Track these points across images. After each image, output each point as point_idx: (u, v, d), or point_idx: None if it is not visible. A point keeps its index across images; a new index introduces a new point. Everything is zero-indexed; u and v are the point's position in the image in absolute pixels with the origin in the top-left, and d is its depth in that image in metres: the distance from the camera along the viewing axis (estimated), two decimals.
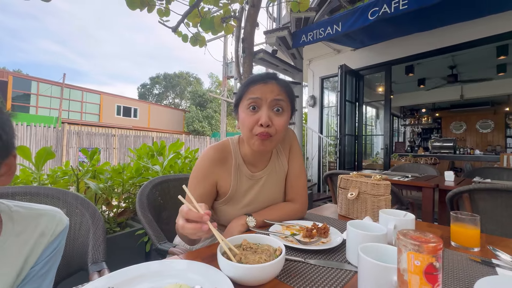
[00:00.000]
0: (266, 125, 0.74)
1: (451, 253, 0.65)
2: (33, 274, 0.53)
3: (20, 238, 0.52)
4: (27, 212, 0.55)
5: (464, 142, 8.47)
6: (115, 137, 9.43)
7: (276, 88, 0.78)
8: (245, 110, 0.78)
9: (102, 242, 0.84)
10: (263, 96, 0.76)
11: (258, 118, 0.76)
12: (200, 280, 0.46)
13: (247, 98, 0.77)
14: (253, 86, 0.78)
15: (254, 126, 0.76)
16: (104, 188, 1.72)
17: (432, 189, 1.92)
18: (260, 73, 0.83)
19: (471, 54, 4.50)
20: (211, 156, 0.83)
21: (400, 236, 0.29)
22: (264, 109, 0.76)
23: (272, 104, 0.77)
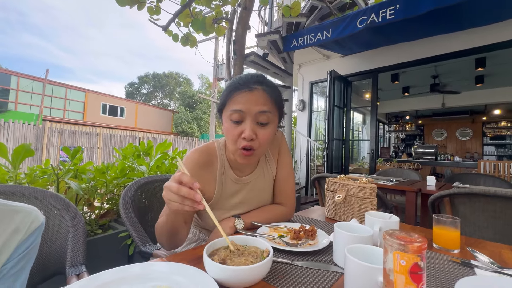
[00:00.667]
0: (249, 139, 0.71)
1: (433, 254, 0.66)
2: (5, 272, 0.50)
3: None
4: (1, 207, 0.52)
5: (445, 149, 8.84)
6: (99, 136, 9.13)
7: (262, 97, 0.73)
8: (228, 121, 0.74)
9: (82, 245, 0.80)
10: (246, 109, 0.71)
11: (242, 131, 0.72)
12: (185, 282, 0.45)
13: (230, 108, 0.73)
14: (237, 94, 0.73)
15: (237, 139, 0.73)
16: (86, 188, 1.65)
17: (415, 193, 1.98)
18: (245, 76, 0.77)
19: (452, 65, 4.73)
20: (195, 159, 0.80)
21: (387, 236, 0.30)
22: (248, 122, 0.72)
23: (257, 117, 0.72)
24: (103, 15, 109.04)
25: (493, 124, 8.00)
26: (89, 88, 18.73)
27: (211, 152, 0.84)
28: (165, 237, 0.70)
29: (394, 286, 0.28)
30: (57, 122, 10.26)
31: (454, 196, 1.39)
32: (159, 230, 0.70)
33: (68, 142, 8.43)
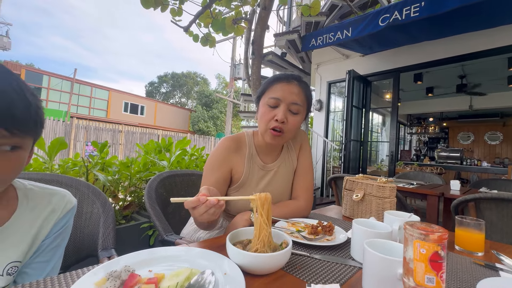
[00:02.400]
0: (281, 121, 0.82)
1: (455, 256, 0.65)
2: (44, 247, 0.57)
3: (33, 213, 0.56)
4: (40, 190, 0.59)
5: (471, 153, 8.35)
6: (121, 133, 9.55)
7: (296, 89, 0.84)
8: (265, 106, 0.85)
9: (112, 230, 0.87)
10: (282, 97, 0.83)
11: (275, 115, 0.83)
12: (210, 265, 0.48)
13: (269, 96, 0.85)
14: (276, 84, 0.85)
15: (270, 121, 0.84)
16: (112, 180, 1.76)
17: (437, 197, 1.91)
18: (285, 73, 0.90)
19: (482, 64, 4.46)
20: (226, 144, 0.90)
21: (407, 226, 0.31)
22: (282, 107, 0.83)
23: (290, 105, 0.84)
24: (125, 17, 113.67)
25: None
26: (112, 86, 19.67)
27: (240, 139, 0.94)
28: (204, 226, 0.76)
29: (414, 274, 0.29)
30: (84, 119, 10.86)
31: (481, 201, 1.33)
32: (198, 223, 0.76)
33: (93, 138, 8.90)
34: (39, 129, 0.48)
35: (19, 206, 0.54)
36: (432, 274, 0.28)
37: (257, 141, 0.95)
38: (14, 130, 0.42)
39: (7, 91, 0.41)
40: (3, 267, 0.49)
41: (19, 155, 0.45)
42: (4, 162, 0.43)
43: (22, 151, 0.46)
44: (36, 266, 0.55)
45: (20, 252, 0.52)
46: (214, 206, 0.55)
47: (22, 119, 0.43)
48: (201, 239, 0.90)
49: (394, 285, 0.40)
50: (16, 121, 0.42)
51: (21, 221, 0.53)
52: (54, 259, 0.59)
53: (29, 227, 0.54)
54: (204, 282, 0.41)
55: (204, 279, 0.41)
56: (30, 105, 0.44)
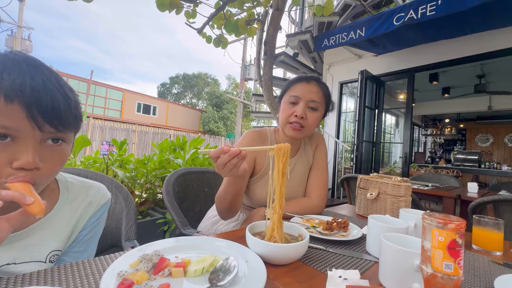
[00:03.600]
0: (300, 117, 0.89)
1: (472, 255, 0.65)
2: (81, 238, 0.61)
3: (72, 205, 0.60)
4: (79, 183, 0.63)
5: (490, 156, 8.02)
6: (135, 133, 9.82)
7: (315, 88, 0.92)
8: (286, 103, 0.93)
9: (134, 222, 0.91)
10: (302, 95, 0.90)
11: (295, 111, 0.90)
12: (232, 253, 0.50)
13: (290, 94, 0.92)
14: (297, 83, 0.93)
15: (290, 116, 0.91)
16: (129, 177, 1.83)
17: (454, 200, 1.86)
18: (306, 74, 0.98)
19: (502, 64, 4.29)
20: (251, 136, 0.98)
21: (426, 216, 0.32)
22: (301, 104, 0.90)
23: (308, 103, 0.91)
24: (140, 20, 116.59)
25: None
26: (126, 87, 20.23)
27: (263, 133, 1.02)
28: (226, 204, 0.79)
29: (432, 261, 0.31)
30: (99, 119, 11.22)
31: (500, 203, 1.30)
32: (221, 198, 0.80)
33: (108, 137, 9.19)
34: (79, 123, 0.51)
35: (60, 198, 0.58)
36: (450, 260, 0.30)
37: (278, 137, 1.01)
38: (59, 126, 0.45)
39: (49, 88, 0.43)
40: (46, 255, 0.53)
41: (63, 149, 0.49)
42: (52, 156, 0.46)
43: (66, 145, 0.49)
44: (73, 255, 0.59)
45: (61, 242, 0.56)
46: (236, 156, 0.59)
47: (65, 115, 0.45)
48: (219, 231, 0.93)
49: (411, 277, 0.41)
50: (60, 117, 0.45)
51: (62, 212, 0.57)
52: (89, 250, 0.63)
53: (69, 218, 0.58)
54: (229, 267, 0.43)
55: (228, 264, 0.44)
56: (70, 100, 0.47)
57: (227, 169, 0.60)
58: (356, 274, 0.34)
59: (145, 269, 0.42)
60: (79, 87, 14.90)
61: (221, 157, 0.59)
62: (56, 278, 0.42)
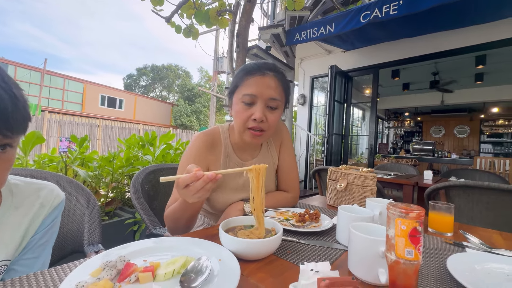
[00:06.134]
0: (260, 121, 0.76)
1: (428, 237, 0.72)
2: (34, 243, 0.55)
3: (19, 211, 0.53)
4: (26, 185, 0.57)
5: (442, 146, 8.92)
6: (99, 128, 9.13)
7: (273, 82, 0.78)
8: (240, 103, 0.78)
9: (98, 225, 0.85)
10: (259, 93, 0.76)
11: (252, 113, 0.77)
12: (205, 253, 0.49)
13: (243, 92, 0.77)
14: (250, 77, 0.77)
15: (247, 120, 0.78)
16: (92, 176, 1.69)
17: (412, 187, 2.04)
18: (259, 62, 0.81)
19: (453, 62, 4.75)
20: (202, 140, 0.84)
21: (390, 206, 0.34)
22: (259, 105, 0.76)
23: (268, 102, 0.78)
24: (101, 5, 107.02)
25: (490, 122, 8.07)
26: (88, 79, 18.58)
27: (215, 135, 0.88)
28: (183, 222, 0.71)
29: (395, 249, 0.33)
30: (56, 113, 10.21)
31: (450, 188, 1.44)
32: (177, 217, 0.70)
33: (67, 133, 8.43)
34: (27, 124, 0.45)
35: (3, 203, 0.51)
36: (411, 247, 0.32)
37: (233, 137, 0.89)
38: (7, 131, 0.39)
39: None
40: None
41: (10, 154, 0.43)
42: None
43: (12, 149, 0.44)
44: (25, 262, 0.53)
45: (10, 250, 0.50)
46: (211, 181, 0.53)
47: (13, 119, 0.40)
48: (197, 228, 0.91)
49: (377, 263, 0.44)
50: (7, 122, 0.39)
51: (7, 218, 0.51)
52: (43, 256, 0.57)
53: (18, 224, 0.52)
54: (201, 267, 0.42)
55: (200, 264, 0.43)
56: (18, 101, 0.41)
57: (198, 194, 0.54)
58: (327, 266, 0.35)
59: (109, 277, 0.39)
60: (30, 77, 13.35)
61: (194, 184, 0.53)
62: None
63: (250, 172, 0.58)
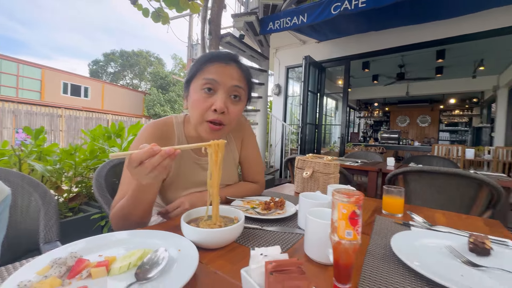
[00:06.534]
0: (220, 111, 0.69)
1: (382, 219, 0.78)
2: None
3: None
4: None
5: (407, 134, 9.61)
6: (61, 118, 8.44)
7: (236, 72, 0.73)
8: (199, 91, 0.70)
9: (55, 222, 0.80)
10: (221, 80, 0.69)
11: (213, 103, 0.69)
12: (164, 244, 0.49)
13: (203, 77, 0.70)
14: (211, 64, 0.71)
15: (206, 111, 0.70)
16: (52, 170, 1.58)
17: (376, 173, 2.19)
18: (220, 52, 0.75)
19: (416, 56, 5.06)
20: (151, 132, 0.76)
21: (335, 192, 0.37)
22: (221, 93, 0.70)
23: (231, 91, 0.71)
24: None
25: (448, 112, 8.83)
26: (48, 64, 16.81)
27: (168, 127, 0.80)
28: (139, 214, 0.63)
29: (338, 230, 0.36)
30: (10, 101, 9.21)
31: (407, 174, 1.57)
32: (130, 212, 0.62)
33: (24, 123, 7.68)
34: None
35: None
36: (350, 229, 0.35)
37: (188, 131, 0.81)
38: None
39: None
40: None
41: None
42: None
43: None
44: None
45: None
46: (169, 157, 0.50)
47: None
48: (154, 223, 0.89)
49: (326, 245, 0.47)
50: None
51: None
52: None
53: None
54: (158, 259, 0.42)
55: (157, 256, 0.43)
56: None
57: (154, 173, 0.50)
58: (277, 250, 0.37)
59: (57, 274, 0.38)
60: None
61: (151, 159, 0.48)
62: None
63: (209, 147, 0.58)
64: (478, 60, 5.22)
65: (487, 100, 7.24)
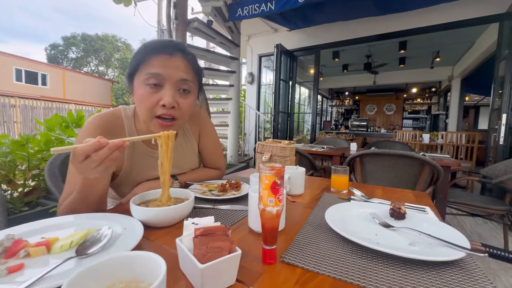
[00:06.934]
0: (170, 106, 0.66)
1: (328, 195, 0.86)
2: None
3: None
4: None
5: (374, 122, 10.19)
6: (16, 108, 7.66)
7: (182, 64, 0.69)
8: (143, 86, 0.66)
9: (1, 214, 0.77)
10: (166, 74, 0.66)
11: (160, 98, 0.66)
12: (108, 223, 0.51)
13: (146, 71, 0.66)
14: (154, 57, 0.66)
15: (154, 106, 0.67)
16: (2, 163, 1.47)
17: (340, 157, 2.33)
18: (163, 40, 0.70)
19: (382, 46, 5.31)
20: (97, 125, 0.70)
21: (261, 165, 0.41)
22: (168, 88, 0.67)
23: (178, 84, 0.68)
24: None
25: (410, 101, 9.48)
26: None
27: (116, 120, 0.75)
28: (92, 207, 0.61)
29: (262, 199, 0.41)
30: None
31: (363, 156, 1.71)
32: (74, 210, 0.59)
33: None
34: None
35: None
36: (272, 197, 0.40)
37: (139, 125, 0.77)
38: None
39: None
40: None
41: None
42: None
43: None
44: None
45: None
46: (118, 149, 0.49)
47: None
48: None
49: None
50: None
51: None
52: None
53: None
54: (100, 236, 0.44)
55: (100, 233, 0.45)
56: None
57: (103, 166, 0.48)
58: (210, 220, 0.41)
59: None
60: None
61: (98, 152, 0.47)
62: None
63: (159, 138, 0.59)
64: (435, 52, 5.63)
65: (443, 90, 7.89)
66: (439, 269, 0.42)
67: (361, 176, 1.77)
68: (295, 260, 0.43)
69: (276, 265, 0.42)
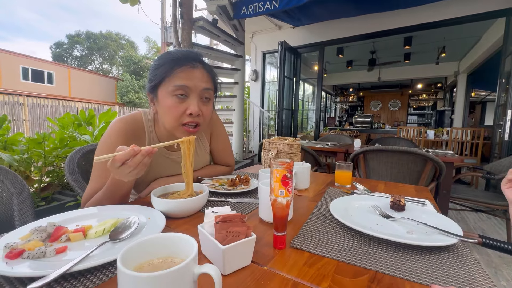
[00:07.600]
0: (196, 115, 0.75)
1: (333, 189, 0.91)
2: None
3: None
4: None
5: (379, 118, 10.14)
6: (24, 107, 7.81)
7: (204, 75, 0.77)
8: (171, 97, 0.73)
9: (29, 206, 0.83)
10: (192, 85, 0.73)
11: (187, 107, 0.74)
12: (133, 214, 0.56)
13: (174, 84, 0.72)
14: (178, 69, 0.73)
15: (182, 115, 0.74)
16: (20, 160, 1.55)
17: (343, 153, 2.37)
18: (184, 51, 0.77)
19: (386, 42, 5.28)
20: (121, 128, 0.76)
21: (272, 161, 0.46)
22: (193, 98, 0.74)
23: (202, 94, 0.76)
24: None
25: (416, 97, 9.40)
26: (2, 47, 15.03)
27: (138, 124, 0.81)
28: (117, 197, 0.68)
29: (274, 191, 0.45)
30: None
31: (367, 153, 1.74)
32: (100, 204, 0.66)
33: None
34: None
35: None
36: (283, 188, 0.44)
37: (159, 130, 0.84)
38: None
39: None
40: None
41: None
42: None
43: None
44: None
45: None
46: (148, 155, 0.56)
47: None
48: None
49: None
50: None
51: None
52: None
53: None
54: (130, 223, 0.50)
55: (129, 221, 0.50)
56: None
57: (136, 170, 0.56)
58: (227, 209, 0.46)
59: (39, 238, 0.44)
60: None
61: (133, 159, 0.54)
62: None
63: (182, 143, 0.65)
64: (441, 47, 5.58)
65: (449, 85, 7.80)
66: (434, 254, 0.46)
67: (364, 172, 1.81)
68: (303, 245, 0.48)
69: (286, 249, 0.47)
